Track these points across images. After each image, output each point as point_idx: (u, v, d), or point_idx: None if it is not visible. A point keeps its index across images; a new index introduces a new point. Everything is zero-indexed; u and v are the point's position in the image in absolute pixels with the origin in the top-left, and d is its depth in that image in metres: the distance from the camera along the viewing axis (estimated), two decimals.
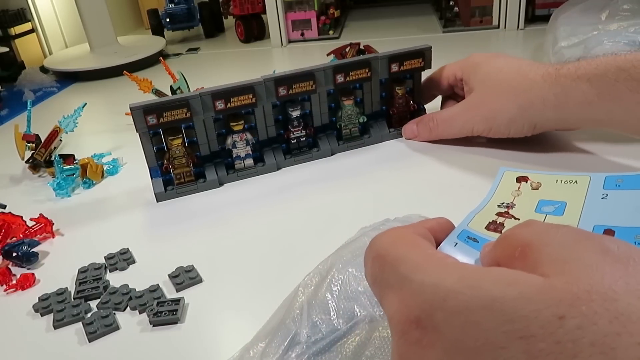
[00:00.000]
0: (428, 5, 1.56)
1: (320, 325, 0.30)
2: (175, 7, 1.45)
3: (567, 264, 0.19)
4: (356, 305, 0.30)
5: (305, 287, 0.33)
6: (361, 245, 0.34)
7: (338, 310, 0.31)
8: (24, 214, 0.60)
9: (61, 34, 1.47)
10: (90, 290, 0.49)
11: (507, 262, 0.22)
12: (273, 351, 0.31)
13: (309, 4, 1.30)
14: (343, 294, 0.31)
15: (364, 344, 0.28)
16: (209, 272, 0.50)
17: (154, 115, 0.61)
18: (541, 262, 0.20)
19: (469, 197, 0.60)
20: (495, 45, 1.18)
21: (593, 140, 0.66)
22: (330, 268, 0.33)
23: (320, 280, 0.33)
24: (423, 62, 0.70)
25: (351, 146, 0.72)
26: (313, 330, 0.30)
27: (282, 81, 0.65)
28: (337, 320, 0.30)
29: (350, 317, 0.30)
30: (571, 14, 0.83)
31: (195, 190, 0.66)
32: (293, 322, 0.31)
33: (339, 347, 0.29)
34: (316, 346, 0.29)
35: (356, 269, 0.32)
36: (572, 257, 0.20)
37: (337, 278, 0.32)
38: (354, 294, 0.31)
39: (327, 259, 0.35)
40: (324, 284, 0.32)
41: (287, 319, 0.32)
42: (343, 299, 0.31)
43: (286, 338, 0.31)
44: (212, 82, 0.69)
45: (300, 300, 0.33)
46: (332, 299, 0.31)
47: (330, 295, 0.32)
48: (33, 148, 0.76)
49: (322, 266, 0.34)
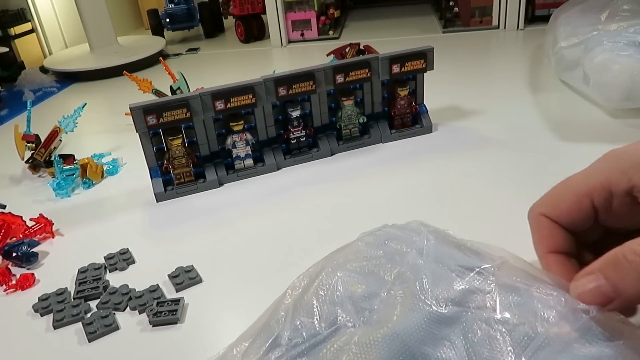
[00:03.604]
0: (428, 5, 1.56)
1: (302, 328, 0.30)
2: (175, 7, 1.45)
3: None
4: (340, 309, 0.30)
5: (294, 289, 0.33)
6: (355, 251, 0.34)
7: (322, 314, 0.30)
8: (24, 214, 0.60)
9: (61, 34, 1.47)
10: (90, 290, 0.49)
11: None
12: (254, 351, 0.30)
13: (309, 4, 1.30)
14: (329, 298, 0.31)
15: (342, 350, 0.28)
16: (208, 272, 0.50)
17: (154, 115, 0.61)
18: None
19: (468, 200, 0.60)
20: (495, 45, 1.18)
21: None
22: (320, 272, 0.33)
23: (308, 283, 0.33)
24: (425, 64, 0.70)
25: (351, 146, 0.72)
26: (295, 333, 0.30)
27: (282, 81, 0.65)
28: (320, 324, 0.30)
29: (332, 322, 0.30)
30: (571, 14, 0.83)
31: (195, 190, 0.66)
32: (276, 324, 0.31)
33: (318, 352, 0.28)
34: (296, 349, 0.29)
35: (345, 274, 0.32)
36: None
37: (325, 282, 0.32)
38: (340, 299, 0.31)
39: (319, 262, 0.34)
40: (311, 287, 0.32)
41: (272, 321, 0.32)
42: (328, 303, 0.31)
43: (268, 339, 0.31)
44: (212, 82, 0.69)
45: (287, 302, 0.32)
46: (318, 303, 0.31)
47: (316, 299, 0.31)
48: (33, 148, 0.76)
49: (312, 269, 0.34)
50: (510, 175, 0.61)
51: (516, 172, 0.62)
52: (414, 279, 0.29)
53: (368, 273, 0.32)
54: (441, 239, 0.33)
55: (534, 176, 0.60)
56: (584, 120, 0.74)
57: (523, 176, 0.61)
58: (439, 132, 0.75)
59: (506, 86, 0.91)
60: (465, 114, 0.80)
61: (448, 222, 0.54)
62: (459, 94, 0.88)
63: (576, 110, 0.77)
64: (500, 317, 0.27)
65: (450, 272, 0.30)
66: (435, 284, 0.29)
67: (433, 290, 0.29)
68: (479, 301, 0.28)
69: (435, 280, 0.29)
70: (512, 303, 0.27)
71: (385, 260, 0.32)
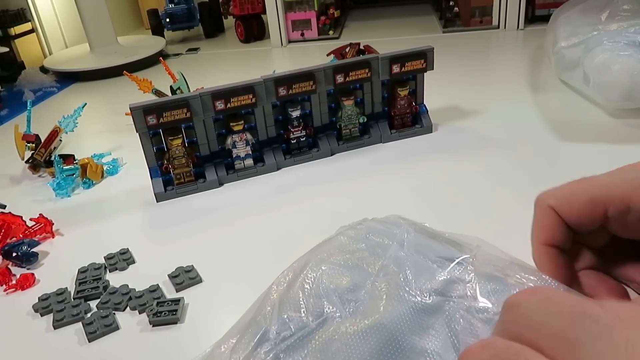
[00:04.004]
0: (428, 5, 1.56)
1: (290, 322, 0.30)
2: (175, 7, 1.45)
3: None
4: (326, 301, 0.30)
5: (279, 284, 0.33)
6: (337, 245, 0.34)
7: (308, 307, 0.31)
8: (24, 214, 0.60)
9: (61, 34, 1.47)
10: (90, 290, 0.49)
11: None
12: (243, 347, 0.31)
13: (309, 4, 1.30)
14: (314, 292, 0.31)
15: (331, 340, 0.28)
16: (208, 272, 0.50)
17: (154, 115, 0.61)
18: None
19: (468, 200, 0.60)
20: (495, 45, 1.18)
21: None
22: (304, 266, 0.33)
23: (293, 278, 0.33)
24: (425, 64, 0.70)
25: (351, 146, 0.72)
26: (282, 327, 0.30)
27: (282, 81, 0.65)
28: (307, 317, 0.30)
29: (319, 314, 0.30)
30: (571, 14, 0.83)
31: (195, 190, 0.66)
32: (263, 319, 0.31)
33: (307, 343, 0.29)
34: (284, 343, 0.29)
35: (329, 267, 0.32)
36: None
37: (310, 276, 0.32)
38: (325, 291, 0.31)
39: (302, 257, 0.35)
40: (297, 282, 0.32)
41: (258, 316, 0.32)
42: (314, 296, 0.31)
43: (256, 334, 0.31)
44: (212, 82, 0.69)
45: (272, 297, 0.33)
46: (304, 296, 0.31)
47: (302, 292, 0.32)
48: (33, 148, 0.76)
49: (296, 264, 0.34)
50: (510, 175, 0.61)
51: (516, 172, 0.62)
52: (397, 271, 0.30)
53: (352, 266, 0.32)
54: (420, 231, 0.34)
55: (533, 176, 0.60)
56: (584, 120, 0.74)
57: (523, 176, 0.61)
58: (439, 132, 0.75)
59: (506, 86, 0.91)
60: (465, 114, 0.80)
61: (448, 222, 0.54)
62: (459, 94, 0.88)
63: (576, 110, 0.77)
64: (480, 306, 0.28)
65: (431, 263, 0.31)
66: (418, 275, 0.30)
67: (417, 282, 0.29)
68: (460, 290, 0.29)
69: (417, 271, 0.30)
70: (491, 291, 0.28)
71: (368, 253, 0.33)
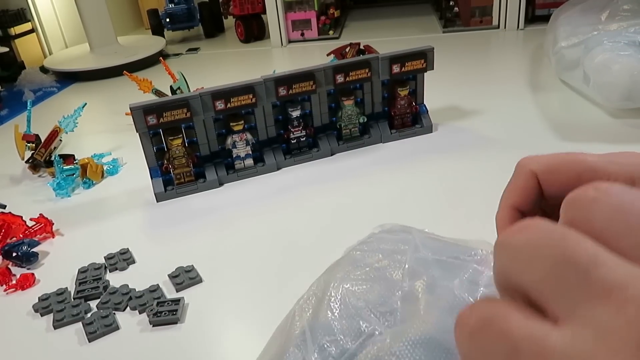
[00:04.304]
0: (428, 5, 1.56)
1: (329, 347, 0.29)
2: (175, 7, 1.45)
3: None
4: (361, 320, 0.29)
5: (302, 310, 0.32)
6: (352, 261, 0.33)
7: (343, 329, 0.29)
8: (24, 214, 0.60)
9: (61, 34, 1.47)
10: (90, 290, 0.49)
11: None
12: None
13: (309, 4, 1.30)
14: (345, 312, 0.30)
15: (380, 358, 0.26)
16: (208, 272, 0.50)
17: (154, 115, 0.61)
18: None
19: (468, 200, 0.60)
20: (495, 45, 1.18)
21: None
22: (325, 288, 0.32)
23: (317, 302, 0.32)
24: (425, 63, 0.70)
25: (351, 146, 0.72)
26: (322, 354, 0.29)
27: (282, 81, 0.65)
28: (345, 339, 0.29)
29: (357, 334, 0.29)
30: (571, 14, 0.83)
31: (195, 190, 0.66)
32: (297, 349, 0.30)
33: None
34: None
35: (352, 284, 0.31)
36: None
37: (335, 297, 0.31)
38: (357, 309, 0.30)
39: (319, 279, 0.33)
40: (322, 305, 0.31)
41: (290, 346, 0.30)
42: (345, 317, 0.30)
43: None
44: (212, 82, 0.69)
45: (299, 324, 0.31)
46: (334, 318, 0.30)
47: (332, 315, 0.30)
48: (33, 148, 0.76)
49: (315, 287, 0.33)
50: (510, 175, 0.61)
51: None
52: (423, 272, 0.30)
53: (375, 278, 0.31)
54: (425, 235, 0.34)
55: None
56: (584, 120, 0.74)
57: None
58: (439, 132, 0.75)
59: (506, 86, 0.91)
60: (465, 114, 0.80)
61: (448, 222, 0.54)
62: (459, 94, 0.88)
63: (576, 110, 0.77)
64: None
65: (453, 259, 0.30)
66: (447, 274, 0.29)
67: (450, 280, 0.29)
68: (486, 281, 0.29)
69: (444, 270, 0.29)
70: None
71: (387, 261, 0.32)
